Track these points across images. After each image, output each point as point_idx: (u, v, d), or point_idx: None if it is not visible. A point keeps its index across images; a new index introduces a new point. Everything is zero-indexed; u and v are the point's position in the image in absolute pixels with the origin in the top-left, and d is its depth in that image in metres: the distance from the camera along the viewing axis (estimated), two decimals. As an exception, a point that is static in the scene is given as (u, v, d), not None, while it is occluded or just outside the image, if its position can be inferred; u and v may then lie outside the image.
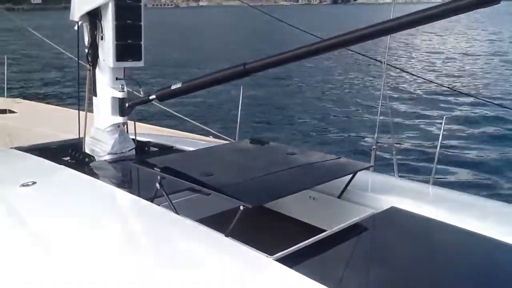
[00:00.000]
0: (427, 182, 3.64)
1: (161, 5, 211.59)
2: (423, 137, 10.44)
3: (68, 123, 3.71)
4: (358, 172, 2.39)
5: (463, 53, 27.15)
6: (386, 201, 2.29)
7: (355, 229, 2.01)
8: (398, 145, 9.20)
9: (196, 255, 1.75)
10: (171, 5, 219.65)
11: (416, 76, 13.21)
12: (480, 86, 17.49)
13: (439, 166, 4.53)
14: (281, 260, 1.65)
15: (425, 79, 15.20)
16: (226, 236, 1.83)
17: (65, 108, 7.08)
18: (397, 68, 8.50)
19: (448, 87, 13.70)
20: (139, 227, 2.09)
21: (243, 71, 2.57)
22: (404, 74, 16.13)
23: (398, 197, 2.32)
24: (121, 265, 1.65)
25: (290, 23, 4.87)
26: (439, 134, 4.21)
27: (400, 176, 3.97)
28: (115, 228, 2.03)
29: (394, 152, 4.28)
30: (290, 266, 1.58)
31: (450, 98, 14.25)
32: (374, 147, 4.16)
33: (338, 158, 2.59)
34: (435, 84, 14.06)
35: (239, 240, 1.78)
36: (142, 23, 3.22)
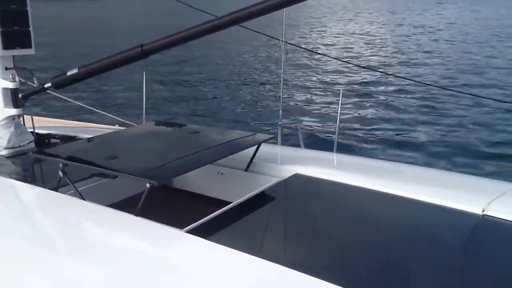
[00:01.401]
0: (331, 151, 3.85)
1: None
2: (325, 109, 10.93)
3: None
4: (265, 145, 2.48)
5: (363, 32, 28.53)
6: (291, 170, 2.40)
7: (260, 198, 2.09)
8: (302, 118, 9.56)
9: (107, 237, 1.74)
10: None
11: (315, 52, 13.72)
12: (376, 60, 18.61)
13: (340, 136, 4.82)
14: (192, 232, 1.69)
15: (323, 54, 15.86)
16: (136, 215, 1.82)
17: None
18: (295, 45, 8.75)
19: (346, 61, 14.39)
20: (45, 217, 2.01)
21: (141, 53, 2.52)
22: (305, 52, 16.65)
23: (302, 165, 2.44)
24: (32, 257, 1.59)
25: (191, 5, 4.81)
26: (338, 106, 4.46)
27: (306, 148, 4.16)
28: (20, 221, 1.94)
29: (298, 126, 4.47)
30: (202, 236, 1.63)
31: (348, 72, 15.04)
32: (279, 123, 4.31)
33: (241, 132, 2.65)
34: (334, 60, 14.77)
35: (149, 219, 1.79)
36: (28, 8, 3.05)
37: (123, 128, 4.35)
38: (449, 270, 1.48)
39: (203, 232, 1.70)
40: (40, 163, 2.77)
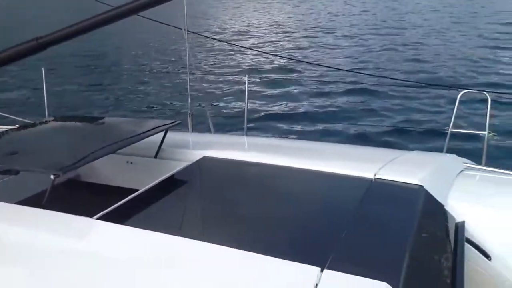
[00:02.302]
0: (242, 134, 4.03)
1: None
2: (233, 94, 11.12)
3: None
4: (176, 133, 2.52)
5: (270, 23, 28.86)
6: (200, 154, 2.45)
7: (169, 182, 2.14)
8: (211, 105, 9.67)
9: (16, 234, 1.71)
10: None
11: (218, 40, 13.79)
12: (280, 45, 19.10)
13: (250, 119, 5.01)
14: (103, 219, 1.72)
15: (227, 42, 15.97)
16: (43, 208, 1.80)
17: None
18: (198, 34, 8.79)
19: (250, 48, 14.65)
20: None
21: (36, 46, 2.46)
22: (209, 40, 16.66)
23: (211, 148, 2.51)
24: None
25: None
26: (245, 92, 4.64)
27: (216, 132, 4.30)
28: None
29: (207, 113, 4.58)
30: (113, 222, 1.67)
31: (254, 60, 15.34)
32: (189, 111, 4.40)
33: (147, 120, 2.67)
34: (239, 47, 14.96)
35: (59, 211, 1.77)
36: None
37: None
38: (344, 227, 1.64)
39: (114, 218, 1.72)
40: None
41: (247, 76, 4.91)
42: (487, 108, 3.91)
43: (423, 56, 15.43)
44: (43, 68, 4.64)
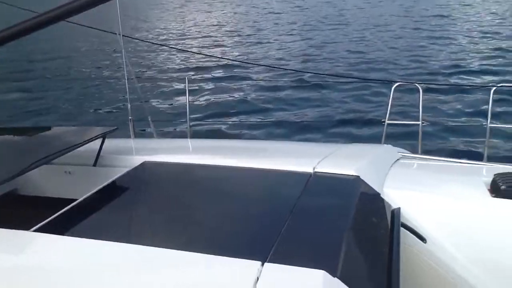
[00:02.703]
0: (185, 137, 4.01)
1: None
2: (175, 98, 11.02)
3: None
4: (117, 140, 2.48)
5: (210, 24, 28.71)
6: (141, 159, 2.41)
7: (109, 189, 2.10)
8: (153, 110, 9.52)
9: None
10: None
11: (155, 43, 13.62)
12: (218, 46, 19.11)
13: (193, 122, 4.99)
14: (40, 230, 1.67)
15: (164, 45, 15.80)
16: None
17: None
18: (133, 38, 8.65)
19: (188, 51, 14.56)
20: None
21: None
22: (148, 44, 16.41)
23: (152, 153, 2.49)
24: None
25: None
26: (186, 95, 4.63)
27: (158, 137, 4.26)
28: None
29: (149, 118, 4.52)
30: (51, 233, 1.63)
31: (193, 61, 15.26)
32: (130, 118, 4.32)
33: (84, 127, 2.62)
34: (176, 49, 14.83)
35: None
36: None
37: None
38: (284, 221, 1.68)
39: (52, 229, 1.68)
40: None
41: (187, 78, 4.90)
42: (419, 98, 4.11)
43: (359, 50, 15.96)
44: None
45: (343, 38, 18.96)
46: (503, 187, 2.13)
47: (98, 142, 2.43)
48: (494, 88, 4.06)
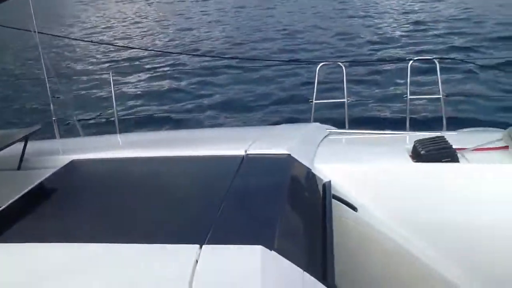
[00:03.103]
0: (114, 133, 3.91)
1: None
2: (98, 94, 10.64)
3: None
4: (41, 142, 2.39)
5: (132, 17, 27.76)
6: (68, 158, 2.35)
7: (36, 192, 2.03)
8: (78, 108, 9.18)
9: None
10: None
11: (71, 38, 13.08)
12: (134, 39, 18.61)
13: (120, 116, 4.87)
14: None
15: (83, 40, 15.19)
16: None
17: None
18: (50, 34, 8.23)
19: (109, 43, 14.08)
20: None
21: None
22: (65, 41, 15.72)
23: (79, 152, 2.43)
24: None
25: None
26: (111, 91, 4.52)
27: (86, 135, 4.13)
28: None
29: (74, 117, 4.37)
30: None
31: (115, 56, 14.80)
32: (54, 118, 4.16)
33: (4, 131, 2.51)
34: (97, 43, 14.31)
35: None
36: None
37: None
38: (220, 204, 1.71)
39: None
40: None
41: (111, 73, 4.77)
42: (343, 77, 4.25)
43: (286, 33, 16.15)
44: None
45: (270, 22, 19.11)
46: (422, 152, 2.30)
47: (20, 144, 2.35)
48: (411, 61, 4.29)
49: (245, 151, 2.21)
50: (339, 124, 3.64)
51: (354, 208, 2.14)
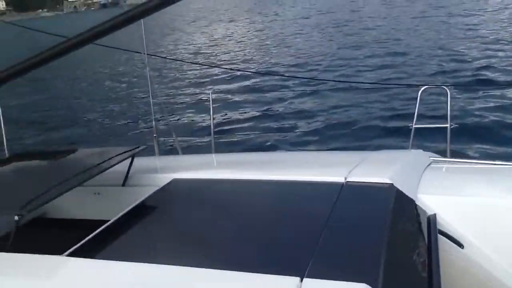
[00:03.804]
0: (209, 152, 4.00)
1: None
2: (198, 114, 11.08)
3: None
4: (143, 159, 2.48)
5: (224, 35, 28.99)
6: (169, 177, 2.40)
7: (140, 209, 2.09)
8: (177, 126, 9.59)
9: None
10: None
11: (178, 60, 13.76)
12: (238, 60, 19.21)
13: (217, 137, 5.00)
14: (73, 255, 1.67)
15: (187, 61, 15.95)
16: (8, 251, 1.74)
17: None
18: (158, 56, 8.78)
19: (209, 66, 14.67)
20: None
21: None
22: (170, 62, 16.65)
23: (180, 170, 2.48)
24: None
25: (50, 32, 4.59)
26: (210, 110, 4.65)
27: (183, 154, 4.26)
28: None
29: (174, 135, 4.54)
30: (84, 257, 1.62)
31: (214, 76, 15.38)
32: (154, 135, 4.35)
33: (112, 148, 2.61)
34: (198, 66, 14.99)
35: (26, 253, 1.71)
36: None
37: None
38: (319, 233, 1.64)
39: (85, 253, 1.68)
40: None
41: (211, 93, 4.92)
42: (447, 101, 4.01)
43: (383, 55, 15.77)
44: (-1, 104, 4.50)
45: (365, 43, 18.80)
46: None
47: (125, 162, 2.43)
48: None
49: (345, 178, 2.11)
50: (440, 151, 3.41)
51: (460, 245, 1.96)
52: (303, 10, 38.20)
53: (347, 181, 2.10)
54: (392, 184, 2.04)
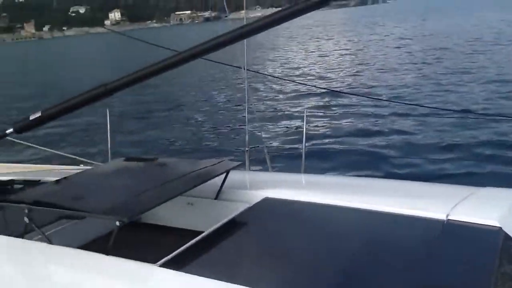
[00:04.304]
0: (299, 172, 3.90)
1: (21, 38, 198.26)
2: (290, 131, 11.05)
3: None
4: (234, 172, 2.48)
5: (324, 54, 28.97)
6: (261, 194, 2.40)
7: (232, 225, 2.09)
8: (268, 141, 9.64)
9: (78, 280, 1.72)
10: (34, 37, 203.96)
11: (276, 77, 13.92)
12: (335, 80, 19.03)
13: (308, 156, 4.89)
14: (165, 265, 1.68)
15: (284, 79, 16.08)
16: (107, 255, 1.80)
17: None
18: (257, 72, 8.92)
19: (305, 84, 14.65)
20: (12, 267, 1.96)
21: (105, 91, 2.51)
22: (267, 77, 16.90)
23: (271, 188, 2.46)
24: None
25: (161, 45, 4.81)
26: (303, 128, 4.57)
27: (274, 171, 4.21)
28: None
29: (265, 150, 4.52)
30: (176, 269, 1.63)
31: (310, 94, 15.32)
32: (247, 149, 4.36)
33: (209, 161, 2.66)
34: (294, 83, 15.04)
35: (121, 257, 1.77)
36: None
37: (88, 167, 4.30)
38: (417, 276, 1.52)
39: (176, 264, 1.69)
40: (4, 211, 2.67)
41: (305, 111, 4.85)
42: None
43: (488, 82, 14.74)
44: (107, 110, 4.76)
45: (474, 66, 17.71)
46: None
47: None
48: None
49: (447, 216, 1.93)
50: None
51: None
52: (413, 29, 37.03)
53: (449, 219, 1.92)
54: (500, 228, 1.83)
